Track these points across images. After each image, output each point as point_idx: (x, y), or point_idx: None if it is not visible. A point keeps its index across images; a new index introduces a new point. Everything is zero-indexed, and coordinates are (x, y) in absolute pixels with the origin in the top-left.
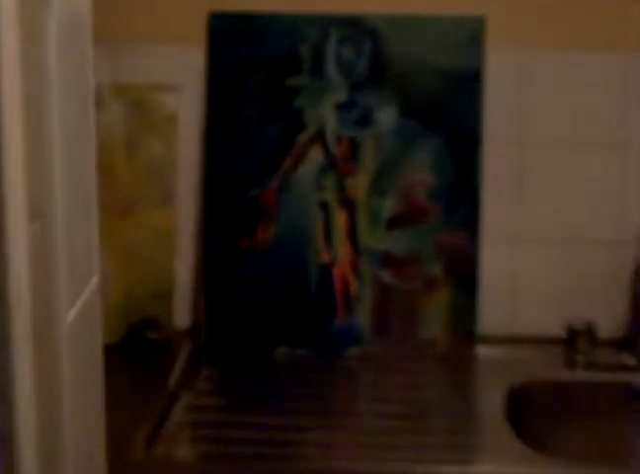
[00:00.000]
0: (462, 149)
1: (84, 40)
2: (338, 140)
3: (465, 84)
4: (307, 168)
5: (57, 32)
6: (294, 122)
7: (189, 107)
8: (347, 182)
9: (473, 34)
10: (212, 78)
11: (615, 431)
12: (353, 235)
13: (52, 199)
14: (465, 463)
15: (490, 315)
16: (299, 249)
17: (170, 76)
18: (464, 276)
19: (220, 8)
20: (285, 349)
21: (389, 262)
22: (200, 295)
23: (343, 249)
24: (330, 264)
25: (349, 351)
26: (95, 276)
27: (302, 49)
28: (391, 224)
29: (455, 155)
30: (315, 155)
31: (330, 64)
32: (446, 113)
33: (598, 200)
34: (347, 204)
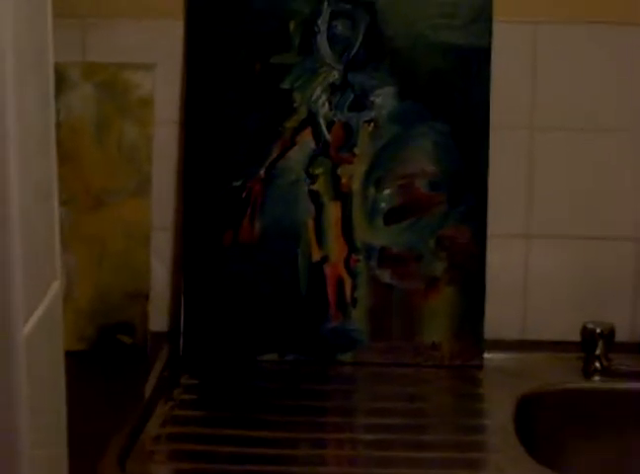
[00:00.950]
0: (468, 135)
1: (43, 16)
2: (330, 125)
3: (471, 63)
4: (296, 156)
5: (14, 13)
6: (282, 105)
7: (165, 88)
8: (340, 171)
9: (479, 7)
10: (192, 57)
11: (636, 445)
12: (347, 230)
13: (7, 200)
14: None
15: (498, 318)
16: (288, 245)
17: (145, 55)
18: (470, 274)
19: None
20: (273, 355)
21: (387, 259)
22: (179, 296)
23: (336, 245)
24: (322, 261)
25: (343, 357)
26: (56, 282)
27: (291, 25)
28: (389, 218)
29: (460, 142)
30: (305, 141)
31: (322, 41)
32: (450, 95)
33: (618, 192)
34: (340, 196)
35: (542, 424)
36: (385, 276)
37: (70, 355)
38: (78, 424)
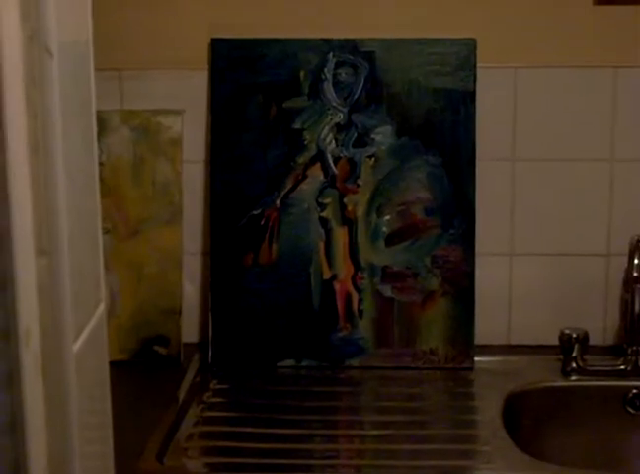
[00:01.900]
0: (457, 167)
1: (87, 71)
2: (337, 160)
3: (459, 104)
4: (308, 187)
5: (60, 70)
6: (295, 144)
7: (192, 130)
8: (346, 200)
9: (465, 56)
10: (215, 102)
11: (610, 435)
12: (353, 251)
13: (59, 234)
14: (465, 470)
15: (487, 326)
16: (302, 265)
17: (174, 101)
18: (461, 288)
19: (222, 34)
20: (290, 361)
21: (388, 276)
22: (207, 311)
23: (344, 264)
24: (332, 279)
25: (351, 362)
26: (101, 305)
27: (301, 73)
28: (390, 240)
29: (451, 172)
30: (315, 175)
31: (328, 87)
32: (441, 132)
33: (589, 214)
34: (347, 222)
35: (527, 418)
36: (387, 291)
37: (113, 365)
38: (121, 424)
